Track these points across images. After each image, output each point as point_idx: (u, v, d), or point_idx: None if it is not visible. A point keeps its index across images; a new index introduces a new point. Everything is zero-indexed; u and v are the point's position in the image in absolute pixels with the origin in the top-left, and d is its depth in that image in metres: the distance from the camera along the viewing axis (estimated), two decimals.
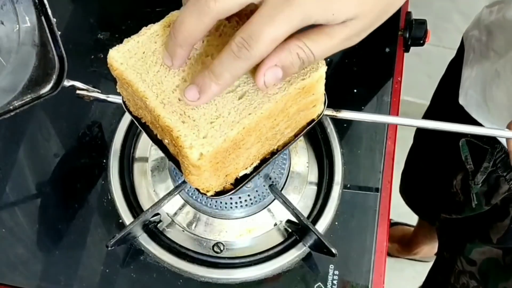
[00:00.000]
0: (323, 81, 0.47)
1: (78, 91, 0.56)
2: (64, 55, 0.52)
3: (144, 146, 0.69)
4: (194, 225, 0.64)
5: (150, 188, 0.66)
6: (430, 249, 1.51)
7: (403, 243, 1.57)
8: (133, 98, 0.48)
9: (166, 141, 0.48)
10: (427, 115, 1.03)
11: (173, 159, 0.49)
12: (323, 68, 0.45)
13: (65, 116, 0.70)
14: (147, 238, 0.63)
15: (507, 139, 0.54)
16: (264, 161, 0.50)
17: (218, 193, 0.49)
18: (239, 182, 0.49)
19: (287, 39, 0.40)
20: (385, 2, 0.41)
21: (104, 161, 0.67)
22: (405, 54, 0.76)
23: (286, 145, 0.51)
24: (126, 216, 0.64)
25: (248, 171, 0.49)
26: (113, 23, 0.78)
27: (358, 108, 0.71)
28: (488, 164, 0.72)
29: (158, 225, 0.64)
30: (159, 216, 0.64)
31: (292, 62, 0.41)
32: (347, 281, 0.61)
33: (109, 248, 0.57)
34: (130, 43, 0.47)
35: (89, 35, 0.76)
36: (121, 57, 0.47)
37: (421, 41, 0.72)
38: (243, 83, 0.45)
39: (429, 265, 1.52)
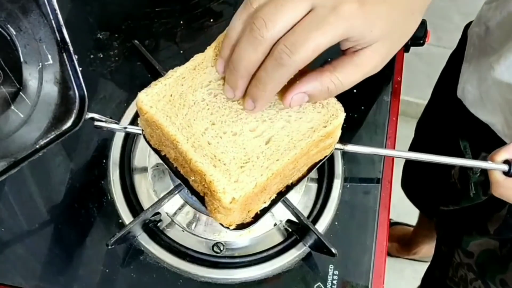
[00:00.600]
0: (341, 125, 0.50)
1: (96, 123, 0.57)
2: (85, 91, 0.53)
3: (144, 146, 0.69)
4: (194, 225, 0.64)
5: (150, 188, 0.66)
6: (429, 249, 1.51)
7: (402, 243, 1.57)
8: (159, 137, 0.50)
9: (192, 179, 0.49)
10: (427, 108, 1.04)
11: (195, 193, 0.50)
12: (342, 115, 0.49)
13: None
14: (147, 238, 0.63)
15: (488, 170, 0.56)
16: (280, 193, 0.53)
17: (239, 226, 0.51)
18: (259, 214, 0.51)
19: (319, 70, 0.43)
20: (402, 23, 0.43)
21: (104, 161, 0.67)
22: (405, 54, 0.76)
23: (300, 179, 0.54)
24: (126, 216, 0.64)
25: (266, 204, 0.52)
26: (112, 23, 0.78)
27: (358, 108, 0.71)
28: (486, 154, 0.72)
29: (158, 224, 0.64)
30: (159, 215, 0.64)
31: (321, 92, 0.44)
32: (347, 281, 0.61)
33: (109, 247, 0.57)
34: (158, 86, 0.49)
35: (89, 35, 0.76)
36: (150, 100, 0.48)
37: (421, 41, 0.72)
38: (268, 128, 0.48)
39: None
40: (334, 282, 0.61)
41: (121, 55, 0.75)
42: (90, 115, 0.55)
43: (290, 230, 0.64)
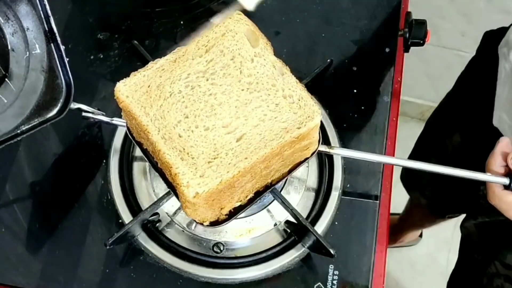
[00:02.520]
0: (318, 127, 0.49)
1: (83, 114, 0.58)
2: (72, 81, 0.53)
3: None
4: (194, 225, 0.64)
5: (149, 188, 0.66)
6: (413, 235, 1.51)
7: (390, 233, 1.56)
8: (137, 128, 0.50)
9: (167, 172, 0.49)
10: (439, 111, 1.00)
11: (172, 188, 0.50)
12: (318, 117, 0.48)
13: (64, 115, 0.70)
14: (147, 238, 0.63)
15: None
16: (258, 193, 0.52)
17: (213, 223, 0.51)
18: (233, 212, 0.51)
19: None
20: None
21: (104, 161, 0.67)
22: (405, 54, 0.76)
23: (279, 180, 0.53)
24: (126, 216, 0.64)
25: (242, 202, 0.51)
26: (112, 23, 0.78)
27: (358, 108, 0.71)
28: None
29: (157, 224, 0.64)
30: (157, 215, 0.64)
31: None
32: (347, 281, 0.61)
33: (108, 247, 0.57)
34: (136, 76, 0.49)
35: (89, 35, 0.76)
36: (127, 90, 0.49)
37: (421, 41, 0.72)
38: (241, 125, 0.48)
39: (428, 265, 1.52)
40: (334, 282, 0.61)
41: (121, 55, 0.75)
42: (77, 105, 0.56)
43: (289, 231, 0.64)
